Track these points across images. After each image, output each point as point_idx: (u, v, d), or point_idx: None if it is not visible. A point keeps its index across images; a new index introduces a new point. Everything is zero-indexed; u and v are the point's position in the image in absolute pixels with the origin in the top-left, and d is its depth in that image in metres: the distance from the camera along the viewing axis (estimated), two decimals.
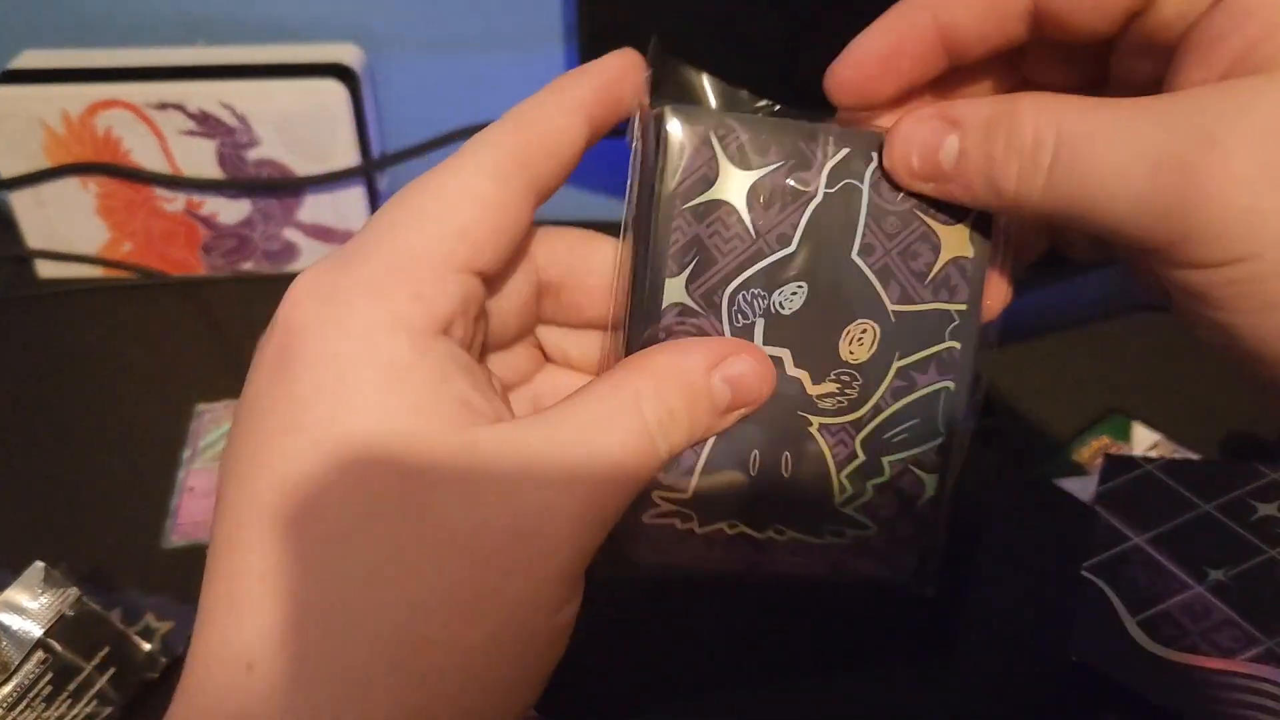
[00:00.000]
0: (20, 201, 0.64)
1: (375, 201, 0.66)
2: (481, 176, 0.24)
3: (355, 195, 0.65)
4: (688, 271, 0.26)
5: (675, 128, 0.25)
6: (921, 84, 0.28)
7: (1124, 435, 0.53)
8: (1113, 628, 0.38)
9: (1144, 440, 0.52)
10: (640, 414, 0.23)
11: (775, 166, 0.26)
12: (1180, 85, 0.24)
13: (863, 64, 0.27)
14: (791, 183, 0.26)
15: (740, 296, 0.26)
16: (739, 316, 0.26)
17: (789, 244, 0.26)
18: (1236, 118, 0.22)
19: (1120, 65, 0.27)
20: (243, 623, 0.21)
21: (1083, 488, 0.49)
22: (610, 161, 0.28)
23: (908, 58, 0.27)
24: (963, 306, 0.27)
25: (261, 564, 0.22)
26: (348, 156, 0.63)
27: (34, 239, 0.65)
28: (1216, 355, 0.25)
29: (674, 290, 0.26)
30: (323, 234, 0.66)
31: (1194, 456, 0.51)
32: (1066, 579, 0.40)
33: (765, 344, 0.26)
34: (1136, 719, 0.36)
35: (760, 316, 0.26)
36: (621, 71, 0.26)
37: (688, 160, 0.25)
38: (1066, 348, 0.59)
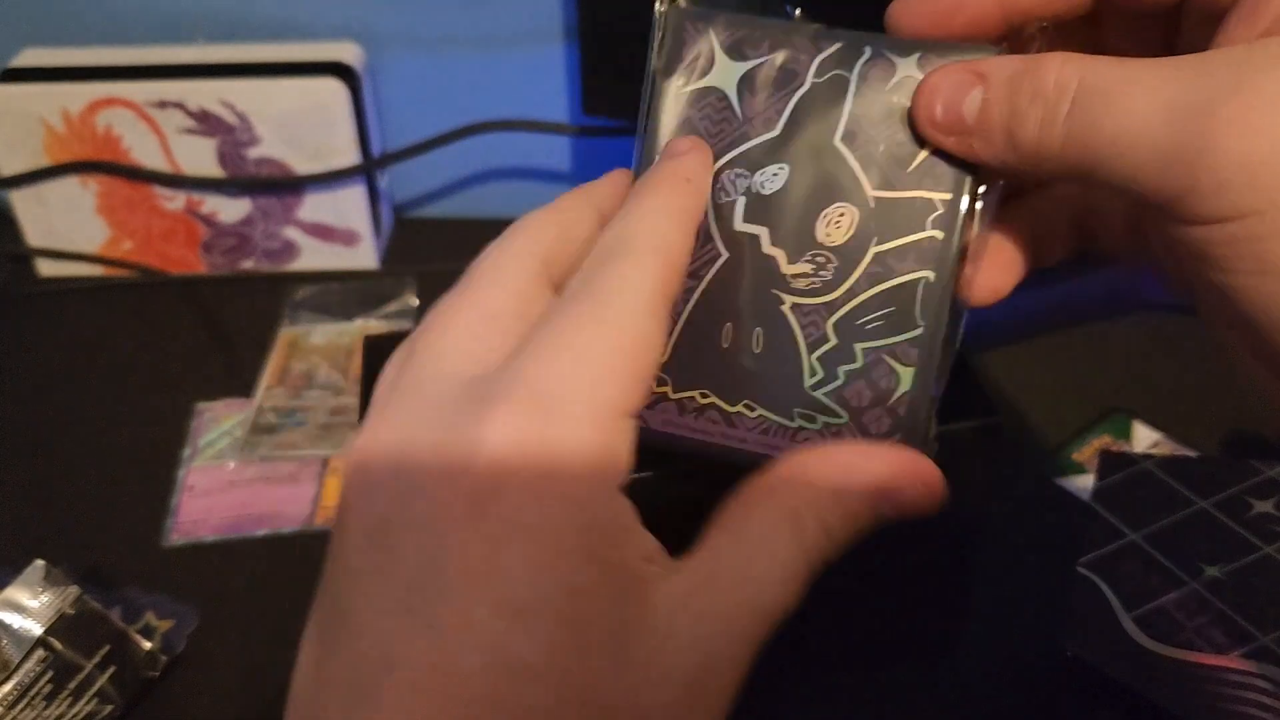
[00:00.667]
0: (20, 200, 0.64)
1: (375, 200, 0.66)
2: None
3: (355, 194, 0.65)
4: None
5: (678, 22, 0.28)
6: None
7: (1125, 434, 0.53)
8: (1107, 624, 0.38)
9: (1145, 439, 0.52)
10: (801, 546, 0.23)
11: (767, 59, 0.28)
12: (1221, 45, 0.24)
13: (915, 12, 0.27)
14: (782, 73, 0.28)
15: (725, 176, 0.28)
16: (722, 194, 0.28)
17: (774, 128, 0.28)
18: (1261, 71, 0.21)
19: (1187, 35, 0.27)
20: None
21: (1084, 487, 0.49)
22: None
23: (962, 13, 0.27)
24: (947, 196, 0.27)
25: None
26: (348, 155, 0.63)
27: (34, 237, 0.66)
28: (1218, 337, 0.24)
29: None
30: (323, 232, 0.66)
31: (1194, 455, 0.51)
32: (1062, 575, 0.40)
33: (745, 221, 0.28)
34: (1131, 714, 0.36)
35: (741, 195, 0.28)
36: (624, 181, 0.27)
37: (686, 50, 0.28)
38: (1066, 348, 0.59)
